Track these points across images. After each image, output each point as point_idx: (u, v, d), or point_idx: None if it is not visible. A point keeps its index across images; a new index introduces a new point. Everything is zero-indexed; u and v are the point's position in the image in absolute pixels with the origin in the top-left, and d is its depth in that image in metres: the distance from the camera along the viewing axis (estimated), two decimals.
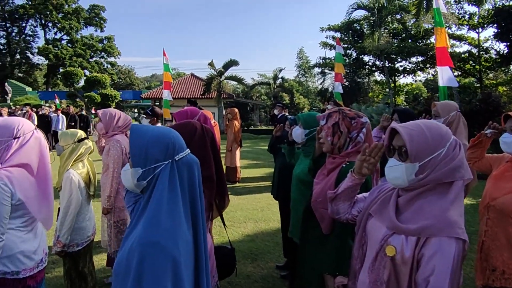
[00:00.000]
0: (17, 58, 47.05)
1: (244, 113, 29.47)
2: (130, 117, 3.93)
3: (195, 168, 1.41)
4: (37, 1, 43.80)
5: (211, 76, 25.49)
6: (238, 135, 8.76)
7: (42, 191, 2.18)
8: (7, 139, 2.07)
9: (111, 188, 3.60)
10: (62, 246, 2.85)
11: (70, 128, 14.80)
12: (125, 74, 59.19)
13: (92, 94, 24.16)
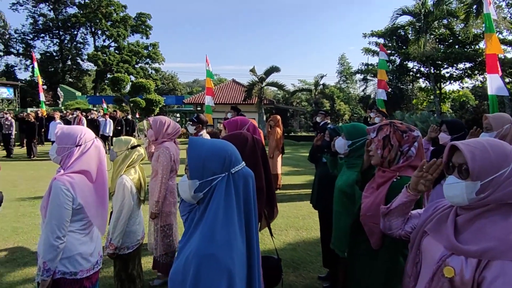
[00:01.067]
0: (68, 64, 49.47)
1: (284, 119, 29.44)
2: (178, 125, 4.03)
3: (250, 181, 1.44)
4: (88, 10, 45.93)
5: (253, 82, 25.70)
6: (280, 142, 8.77)
7: (99, 197, 2.29)
8: (70, 147, 2.20)
9: (159, 193, 3.72)
10: (114, 248, 2.97)
11: (116, 132, 15.41)
12: (168, 79, 60.74)
13: (137, 99, 24.98)
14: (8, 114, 16.13)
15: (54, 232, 2.10)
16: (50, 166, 11.81)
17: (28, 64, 47.72)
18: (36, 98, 33.76)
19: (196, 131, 5.24)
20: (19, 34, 47.86)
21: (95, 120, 15.23)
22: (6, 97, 31.14)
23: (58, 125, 2.35)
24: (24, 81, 43.62)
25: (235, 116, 9.26)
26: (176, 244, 4.03)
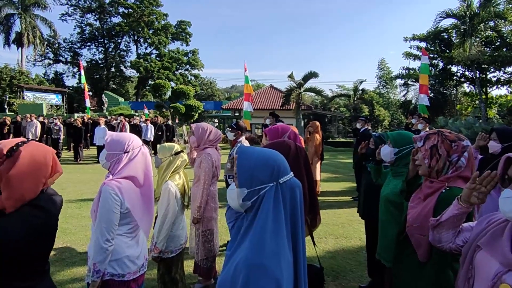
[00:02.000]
0: (112, 71, 51.43)
1: (322, 125, 29.17)
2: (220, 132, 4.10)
3: (297, 191, 1.44)
4: (131, 19, 47.59)
5: (291, 88, 25.66)
6: (319, 148, 8.70)
7: (145, 202, 2.37)
8: (119, 153, 2.29)
9: (201, 199, 3.78)
10: (158, 252, 3.05)
11: (157, 137, 15.82)
12: (207, 85, 61.79)
13: (177, 105, 25.55)
14: (57, 120, 16.96)
15: (103, 235, 2.19)
16: (95, 169, 12.29)
17: (75, 72, 50.08)
18: (82, 104, 35.29)
19: (235, 137, 5.29)
20: (67, 43, 50.35)
21: (137, 125, 15.70)
22: (54, 103, 32.75)
23: (108, 132, 2.45)
24: (71, 88, 45.71)
25: (273, 122, 9.28)
26: (216, 249, 4.09)
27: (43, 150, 1.70)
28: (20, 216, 1.59)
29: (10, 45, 42.85)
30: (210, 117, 40.93)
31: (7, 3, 41.09)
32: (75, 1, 49.46)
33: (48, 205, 1.74)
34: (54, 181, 1.77)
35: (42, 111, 24.17)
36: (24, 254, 1.61)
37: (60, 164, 1.83)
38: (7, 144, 1.61)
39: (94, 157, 15.31)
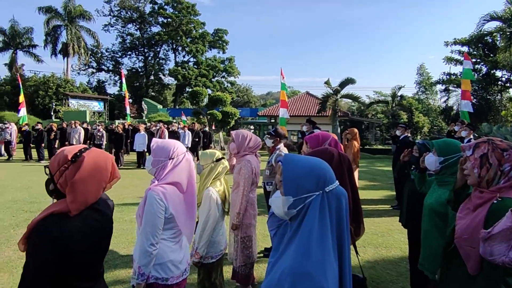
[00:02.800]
0: (151, 79, 52.96)
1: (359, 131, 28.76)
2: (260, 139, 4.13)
3: (343, 200, 1.43)
4: (170, 28, 48.89)
5: (327, 94, 25.47)
6: (357, 155, 8.56)
7: (188, 208, 2.42)
8: (164, 159, 2.36)
9: (241, 205, 3.81)
10: (199, 257, 3.10)
11: (194, 144, 16.09)
12: (243, 92, 62.38)
13: (214, 111, 25.92)
14: (100, 126, 17.60)
15: (148, 239, 2.25)
16: (135, 174, 12.64)
17: (116, 80, 51.97)
18: (122, 111, 36.48)
19: (273, 144, 5.31)
20: (109, 52, 52.41)
21: (176, 132, 16.03)
22: (97, 110, 34.03)
23: (153, 139, 2.52)
24: (113, 95, 47.41)
25: (310, 129, 9.24)
26: (255, 255, 4.10)
27: (104, 156, 1.78)
28: (83, 219, 1.67)
29: (57, 55, 45.06)
30: (246, 124, 41.21)
31: (55, 16, 43.25)
32: (117, 12, 51.47)
33: (105, 208, 1.83)
34: (112, 186, 1.85)
35: (86, 118, 25.18)
36: (85, 256, 1.69)
37: None
38: (71, 150, 1.70)
39: (134, 162, 15.76)
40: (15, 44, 43.15)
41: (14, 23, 42.71)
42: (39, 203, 8.11)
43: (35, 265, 1.57)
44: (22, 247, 1.63)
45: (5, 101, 35.30)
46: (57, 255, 1.58)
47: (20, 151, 18.28)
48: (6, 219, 6.79)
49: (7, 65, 43.52)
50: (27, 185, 10.34)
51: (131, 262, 4.82)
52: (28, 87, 33.70)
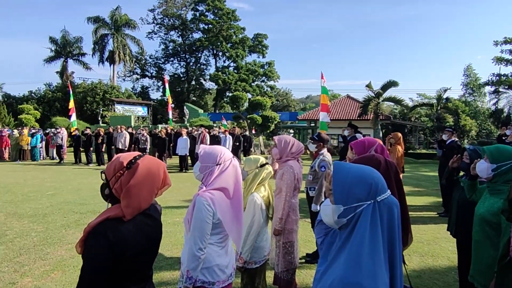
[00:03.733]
0: (192, 84, 54.15)
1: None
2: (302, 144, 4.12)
3: (395, 210, 1.41)
4: (211, 34, 49.79)
5: (369, 97, 25.00)
6: (401, 161, 8.34)
7: (235, 213, 2.45)
8: (211, 165, 2.41)
9: (283, 211, 3.81)
10: (243, 262, 3.13)
11: (234, 148, 16.25)
12: (282, 96, 62.36)
13: (254, 115, 26.10)
14: (144, 131, 18.17)
15: (196, 244, 2.30)
16: (178, 178, 12.92)
17: (159, 85, 53.57)
18: (165, 115, 37.44)
19: (317, 149, 5.27)
20: (152, 59, 54.14)
21: (216, 136, 16.27)
22: (141, 114, 35.15)
23: (201, 146, 2.59)
24: (156, 100, 48.79)
25: (352, 133, 9.10)
26: (297, 261, 4.08)
27: (157, 164, 1.85)
28: (136, 224, 1.74)
29: (104, 62, 47.12)
30: (285, 128, 41.16)
31: (102, 25, 45.27)
32: (160, 20, 53.10)
33: (156, 214, 1.89)
34: (163, 193, 1.91)
35: (131, 123, 26.04)
36: (137, 260, 1.76)
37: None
38: (126, 157, 1.78)
39: (176, 166, 16.12)
40: (66, 53, 45.47)
41: (65, 33, 45.09)
42: (88, 204, 8.48)
43: (92, 267, 1.64)
44: (79, 250, 1.70)
45: (56, 107, 37.19)
46: (112, 258, 1.65)
47: (70, 154, 19.19)
48: (58, 220, 7.14)
49: (59, 73, 45.96)
50: (77, 188, 10.83)
51: (175, 264, 4.96)
52: (77, 93, 35.33)
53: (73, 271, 4.72)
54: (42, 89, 41.88)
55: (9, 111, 33.90)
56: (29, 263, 4.97)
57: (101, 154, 17.25)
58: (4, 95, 44.41)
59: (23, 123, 28.04)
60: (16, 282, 4.36)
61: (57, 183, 11.73)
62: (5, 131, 20.08)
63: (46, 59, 45.51)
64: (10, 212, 7.68)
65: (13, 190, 10.25)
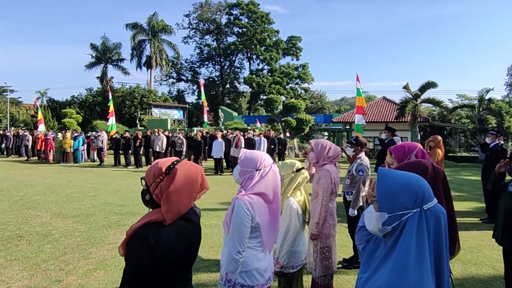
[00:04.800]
0: (227, 88, 54.74)
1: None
2: (339, 148, 4.08)
3: (442, 219, 1.37)
4: (245, 38, 50.18)
5: (406, 99, 24.39)
6: (441, 164, 8.07)
7: (272, 218, 2.46)
8: (251, 170, 2.43)
9: (320, 215, 3.78)
10: (280, 267, 3.14)
11: (269, 151, 16.27)
12: (316, 98, 61.91)
13: (288, 118, 26.04)
14: (180, 134, 18.52)
15: (235, 247, 2.33)
16: (213, 181, 13.07)
17: (194, 89, 54.58)
18: (200, 119, 38.07)
19: (354, 153, 5.21)
20: (188, 63, 55.23)
21: (251, 139, 16.34)
22: (177, 118, 35.85)
23: (242, 150, 2.61)
24: (191, 104, 49.71)
25: (389, 136, 8.92)
26: (334, 266, 4.04)
27: (194, 169, 1.88)
28: (176, 229, 1.78)
29: (141, 67, 48.60)
30: (319, 130, 40.83)
31: (140, 31, 46.67)
32: (195, 25, 54.11)
33: (194, 217, 1.93)
34: (201, 196, 1.95)
35: (167, 126, 26.63)
36: (178, 263, 1.80)
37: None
38: (165, 163, 1.82)
39: (211, 169, 16.31)
40: (105, 59, 47.20)
41: (105, 40, 46.87)
42: (128, 206, 8.73)
43: (134, 270, 1.69)
44: (122, 252, 1.76)
45: (97, 111, 38.62)
46: (153, 261, 1.69)
47: (110, 157, 19.82)
48: (100, 221, 7.39)
49: (99, 78, 47.73)
50: (116, 189, 11.17)
51: (212, 266, 5.02)
52: (116, 97, 36.54)
53: (115, 270, 4.87)
54: (84, 93, 43.76)
55: (53, 115, 35.55)
56: (74, 261, 5.17)
57: (139, 157, 17.70)
58: (48, 100, 46.70)
59: (66, 127, 29.30)
60: (62, 280, 4.55)
61: (98, 184, 12.15)
62: (50, 135, 21.04)
63: (87, 65, 47.47)
64: (55, 212, 8.02)
65: (57, 191, 10.70)
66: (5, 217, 7.57)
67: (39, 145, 21.05)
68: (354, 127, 15.71)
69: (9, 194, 10.17)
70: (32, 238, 6.17)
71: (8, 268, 4.90)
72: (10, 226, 6.90)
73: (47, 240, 6.10)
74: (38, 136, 21.51)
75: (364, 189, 5.14)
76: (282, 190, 3.27)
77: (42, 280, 4.54)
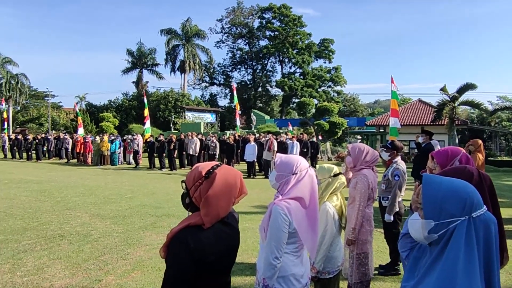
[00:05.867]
0: (259, 91, 54.94)
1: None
2: (377, 152, 4.01)
3: (492, 228, 1.32)
4: (277, 41, 50.23)
5: (443, 101, 23.65)
6: (481, 169, 7.75)
7: (311, 223, 2.44)
8: (287, 174, 2.42)
9: (356, 220, 3.73)
10: (316, 272, 3.11)
11: (302, 154, 16.18)
12: (349, 101, 61.09)
13: (321, 121, 25.84)
14: (213, 137, 18.73)
15: (273, 252, 2.32)
16: (246, 184, 13.13)
17: (227, 93, 55.12)
18: (232, 122, 38.36)
19: (390, 157, 5.10)
20: (220, 67, 55.92)
21: (284, 142, 16.31)
22: (210, 121, 36.29)
23: (277, 154, 2.61)
24: (224, 107, 50.20)
25: (427, 140, 8.67)
26: (371, 273, 3.96)
27: (233, 173, 1.89)
28: (215, 232, 1.79)
29: (175, 72, 49.61)
30: (352, 134, 40.26)
31: (174, 36, 47.65)
32: (228, 29, 54.72)
33: (233, 221, 1.94)
34: (239, 201, 1.96)
35: (200, 129, 26.98)
36: (217, 267, 1.81)
37: None
38: (205, 167, 1.84)
39: (244, 172, 16.34)
40: (141, 64, 48.48)
41: (140, 45, 48.15)
42: (163, 208, 8.89)
43: (175, 272, 1.71)
44: (162, 254, 1.78)
45: (132, 115, 39.69)
46: (193, 264, 1.71)
47: (145, 160, 20.28)
48: (136, 222, 7.56)
49: (134, 82, 49.06)
50: (152, 191, 11.42)
51: (246, 270, 5.04)
52: (151, 101, 37.39)
53: (151, 271, 4.97)
54: (120, 98, 45.15)
55: (92, 119, 36.85)
56: (112, 262, 5.32)
57: (173, 160, 18.02)
58: (87, 104, 48.44)
59: (103, 130, 30.25)
60: (101, 280, 4.68)
61: (134, 186, 12.45)
62: (88, 138, 21.78)
63: (124, 70, 48.92)
64: (94, 213, 8.28)
65: (96, 193, 11.05)
66: (48, 217, 7.88)
67: (78, 148, 21.82)
68: (388, 130, 15.39)
69: (51, 195, 10.59)
70: (73, 238, 6.39)
71: (51, 267, 5.09)
72: (52, 226, 7.17)
73: (87, 240, 6.31)
74: (78, 139, 22.30)
75: (400, 194, 5.02)
76: (318, 194, 3.24)
77: (83, 279, 4.69)
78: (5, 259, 5.38)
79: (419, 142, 9.05)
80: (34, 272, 4.90)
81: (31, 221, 7.53)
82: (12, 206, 9.01)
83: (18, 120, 48.11)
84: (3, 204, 9.24)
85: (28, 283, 4.57)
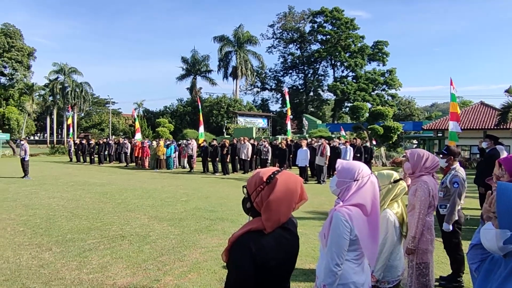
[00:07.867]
0: (310, 95, 54.67)
1: None
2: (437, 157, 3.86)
3: None
4: (329, 45, 49.79)
5: (508, 104, 22.22)
6: None
7: (372, 231, 2.39)
8: (349, 181, 2.40)
9: (416, 229, 3.60)
10: (375, 281, 3.03)
11: (355, 159, 15.86)
12: (404, 105, 59.03)
13: (375, 126, 25.16)
14: (266, 142, 18.84)
15: (334, 259, 2.30)
16: None
17: (278, 98, 55.35)
18: (284, 127, 38.38)
19: (447, 164, 4.88)
20: (272, 72, 56.31)
21: (336, 147, 16.07)
22: (261, 126, 36.57)
23: (338, 160, 2.59)
24: (275, 112, 50.39)
25: (491, 145, 8.20)
26: (432, 284, 3.81)
27: (294, 179, 1.91)
28: (275, 237, 1.81)
29: (227, 77, 50.59)
30: (408, 138, 38.85)
31: (227, 43, 48.63)
32: (279, 34, 55.01)
33: (293, 227, 1.95)
34: (299, 207, 1.97)
35: (252, 134, 27.25)
36: (277, 272, 1.83)
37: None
38: (266, 173, 1.87)
39: None
40: (195, 71, 49.95)
41: (194, 53, 49.66)
42: (217, 212, 9.07)
43: (237, 276, 1.74)
44: (224, 258, 1.82)
45: (187, 120, 40.92)
46: (255, 268, 1.73)
47: (199, 164, 20.79)
48: (192, 225, 7.77)
49: (189, 89, 50.61)
50: (206, 195, 11.68)
51: (300, 275, 5.01)
52: (205, 107, 38.35)
53: (207, 273, 5.08)
54: (175, 104, 46.74)
55: (148, 124, 38.39)
56: (170, 263, 5.50)
57: (226, 164, 18.34)
58: (144, 111, 50.56)
59: (159, 135, 31.38)
60: (160, 280, 4.86)
61: (189, 190, 12.81)
62: (146, 142, 22.73)
63: (179, 77, 50.68)
64: (152, 216, 8.61)
65: (153, 196, 11.49)
66: (110, 218, 8.30)
67: (136, 152, 22.82)
68: (447, 134, 14.71)
69: (112, 197, 11.15)
70: (133, 239, 6.69)
71: (114, 265, 5.36)
72: (114, 227, 7.55)
73: (146, 241, 6.57)
74: (136, 144, 23.32)
75: (460, 202, 4.79)
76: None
77: (143, 279, 4.89)
78: (72, 256, 5.74)
79: (483, 147, 8.58)
80: (98, 270, 5.18)
81: (95, 221, 7.97)
82: (78, 207, 9.59)
83: (82, 126, 51.38)
84: (70, 204, 9.86)
85: (93, 280, 4.84)
